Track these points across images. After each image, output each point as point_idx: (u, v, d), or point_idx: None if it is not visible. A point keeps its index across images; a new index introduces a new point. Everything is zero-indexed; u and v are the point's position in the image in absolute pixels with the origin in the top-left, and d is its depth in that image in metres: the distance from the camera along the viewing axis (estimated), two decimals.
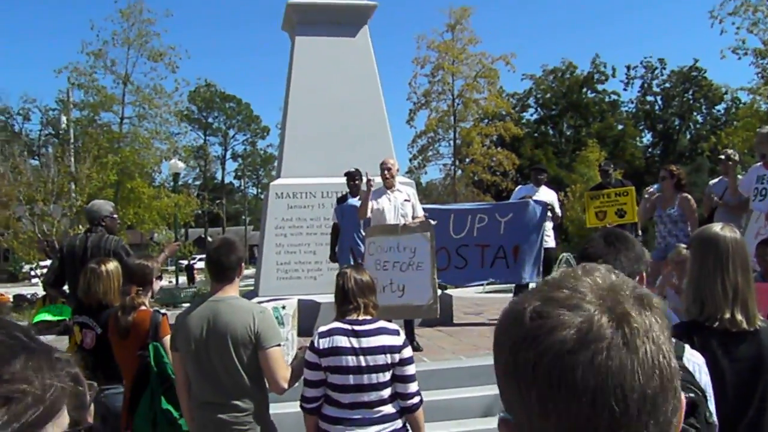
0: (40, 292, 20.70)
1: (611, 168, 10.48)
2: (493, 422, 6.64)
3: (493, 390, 7.12)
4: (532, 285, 10.34)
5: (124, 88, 34.95)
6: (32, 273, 34.69)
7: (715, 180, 9.50)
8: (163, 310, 4.78)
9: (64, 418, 0.98)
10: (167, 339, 4.51)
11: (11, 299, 24.89)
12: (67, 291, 7.20)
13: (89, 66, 33.69)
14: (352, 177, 9.30)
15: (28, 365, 0.94)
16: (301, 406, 4.10)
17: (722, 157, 8.93)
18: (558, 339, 0.87)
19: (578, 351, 0.86)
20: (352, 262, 8.30)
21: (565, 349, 0.86)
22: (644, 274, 2.67)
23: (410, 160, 47.53)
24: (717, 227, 3.06)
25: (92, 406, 2.19)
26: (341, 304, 4.11)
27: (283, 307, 5.31)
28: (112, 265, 5.17)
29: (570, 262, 22.40)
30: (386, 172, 8.48)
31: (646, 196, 8.90)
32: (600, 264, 1.01)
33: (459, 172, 46.07)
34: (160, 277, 5.16)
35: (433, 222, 8.61)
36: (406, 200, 8.58)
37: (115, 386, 4.86)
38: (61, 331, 8.27)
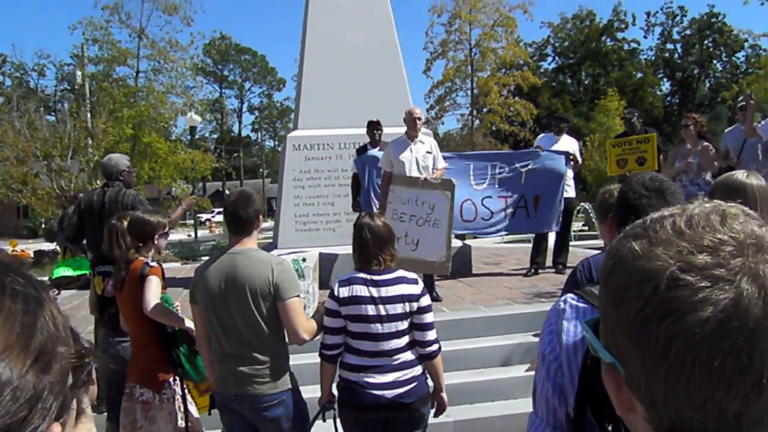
0: (49, 245, 20.92)
1: (635, 116, 10.12)
2: (511, 371, 6.68)
3: (510, 340, 7.17)
4: (552, 235, 10.31)
5: (139, 42, 34.93)
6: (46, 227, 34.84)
7: (731, 128, 9.35)
8: (153, 263, 4.71)
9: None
10: (152, 278, 4.51)
11: (32, 255, 25.16)
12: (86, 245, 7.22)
13: (104, 20, 33.61)
14: (375, 126, 9.23)
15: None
16: (321, 354, 4.13)
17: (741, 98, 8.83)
18: (698, 319, 0.79)
19: (720, 337, 0.78)
20: None
21: (706, 332, 0.78)
22: None
23: (427, 110, 47.24)
24: (741, 175, 2.93)
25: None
26: (360, 257, 4.12)
27: (304, 260, 5.30)
28: None
29: (588, 211, 22.38)
30: (418, 121, 8.32)
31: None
32: (731, 204, 0.89)
33: (477, 122, 45.74)
34: (166, 234, 5.08)
35: (454, 182, 8.52)
36: (428, 152, 8.46)
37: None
38: (81, 286, 8.33)
